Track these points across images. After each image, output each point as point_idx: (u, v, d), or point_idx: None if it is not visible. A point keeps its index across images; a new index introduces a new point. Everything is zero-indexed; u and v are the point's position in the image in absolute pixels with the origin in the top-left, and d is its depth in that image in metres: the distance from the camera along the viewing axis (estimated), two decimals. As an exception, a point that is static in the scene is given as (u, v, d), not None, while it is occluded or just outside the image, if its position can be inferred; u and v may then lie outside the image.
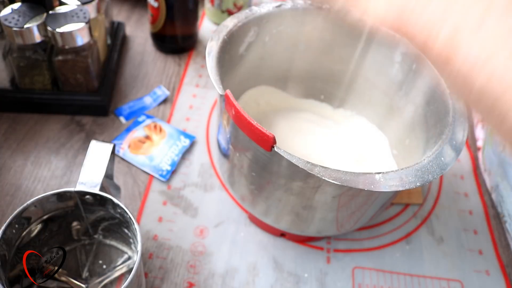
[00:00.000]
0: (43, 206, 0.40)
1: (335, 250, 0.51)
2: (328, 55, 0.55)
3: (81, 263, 0.46)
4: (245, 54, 0.51)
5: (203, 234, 0.51)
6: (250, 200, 0.46)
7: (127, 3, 0.80)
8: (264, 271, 0.49)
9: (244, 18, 0.47)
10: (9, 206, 0.51)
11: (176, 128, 0.60)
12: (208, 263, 0.49)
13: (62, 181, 0.54)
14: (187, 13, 0.67)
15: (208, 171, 0.57)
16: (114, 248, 0.47)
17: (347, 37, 0.52)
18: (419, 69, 0.48)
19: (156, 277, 0.47)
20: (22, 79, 0.57)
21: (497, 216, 0.57)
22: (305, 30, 0.52)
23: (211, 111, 0.64)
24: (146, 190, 0.54)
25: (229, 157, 0.44)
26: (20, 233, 0.39)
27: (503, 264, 0.52)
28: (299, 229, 0.46)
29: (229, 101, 0.37)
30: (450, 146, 0.39)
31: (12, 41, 0.52)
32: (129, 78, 0.67)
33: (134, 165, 0.56)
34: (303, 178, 0.38)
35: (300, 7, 0.50)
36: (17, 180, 0.53)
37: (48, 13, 0.53)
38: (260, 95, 0.57)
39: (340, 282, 0.49)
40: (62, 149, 0.57)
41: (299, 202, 0.41)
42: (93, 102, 0.59)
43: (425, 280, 0.50)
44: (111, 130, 0.60)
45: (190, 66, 0.70)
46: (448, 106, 0.43)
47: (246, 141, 0.39)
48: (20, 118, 0.59)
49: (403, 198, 0.57)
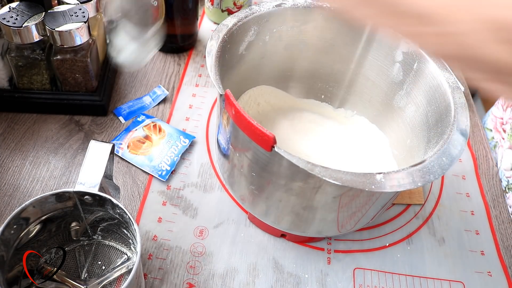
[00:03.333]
0: (42, 206, 0.40)
1: (335, 251, 0.51)
2: (329, 54, 0.54)
3: (80, 263, 0.46)
4: (245, 54, 0.50)
5: (202, 234, 0.51)
6: (250, 200, 0.46)
7: (126, 2, 0.79)
8: (264, 272, 0.49)
9: (244, 17, 0.47)
10: (7, 206, 0.51)
11: (176, 128, 0.60)
12: (208, 264, 0.49)
13: (61, 181, 0.54)
14: (187, 12, 0.67)
15: (208, 171, 0.57)
16: (113, 249, 0.47)
17: (348, 36, 0.52)
18: (420, 68, 0.48)
19: (155, 278, 0.47)
20: (20, 78, 0.56)
21: (499, 216, 0.57)
22: (306, 30, 0.52)
23: (211, 111, 0.64)
24: (146, 191, 0.54)
25: (229, 157, 0.44)
26: (19, 234, 0.39)
27: (505, 265, 0.52)
28: (300, 230, 0.46)
29: (229, 101, 0.37)
30: (452, 146, 0.39)
31: (10, 40, 0.52)
32: (128, 78, 0.67)
33: (133, 165, 0.56)
34: (304, 178, 0.37)
35: (301, 6, 0.50)
36: (16, 180, 0.53)
37: (46, 12, 0.52)
38: (260, 95, 0.56)
39: (341, 283, 0.49)
40: (60, 149, 0.57)
41: (299, 203, 0.41)
42: (92, 101, 0.59)
43: (427, 281, 0.50)
44: (110, 130, 0.60)
45: (189, 66, 0.70)
46: (450, 106, 0.43)
47: (246, 141, 0.38)
48: (18, 118, 0.59)
49: (404, 199, 0.57)
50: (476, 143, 0.65)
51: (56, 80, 0.58)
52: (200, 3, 0.76)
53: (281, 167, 0.38)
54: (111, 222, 0.44)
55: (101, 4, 0.60)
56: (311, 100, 0.59)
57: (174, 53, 0.71)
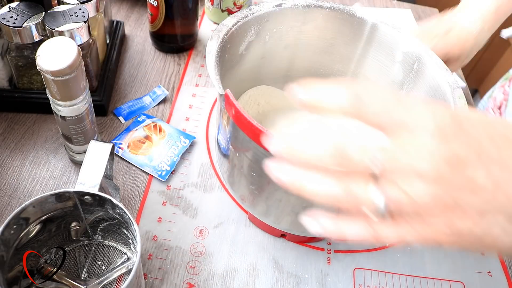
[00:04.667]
0: (42, 206, 0.40)
1: (335, 251, 0.51)
2: (329, 54, 0.54)
3: (80, 264, 0.46)
4: (245, 54, 0.50)
5: (202, 234, 0.51)
6: (250, 200, 0.46)
7: (126, 2, 0.80)
8: (264, 272, 0.49)
9: (244, 17, 0.47)
10: (7, 206, 0.50)
11: (176, 128, 0.60)
12: (208, 264, 0.49)
13: (61, 181, 0.54)
14: (187, 12, 0.67)
15: (208, 171, 0.57)
16: (113, 249, 0.47)
17: (348, 36, 0.52)
18: (420, 68, 0.48)
19: (155, 278, 0.47)
20: (20, 78, 0.56)
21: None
22: (306, 29, 0.52)
23: (211, 111, 0.64)
24: (146, 191, 0.54)
25: (229, 157, 0.44)
26: (19, 234, 0.39)
27: (506, 265, 0.52)
28: (300, 230, 0.46)
29: (229, 100, 0.37)
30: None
31: (10, 40, 0.52)
32: (128, 78, 0.67)
33: (133, 165, 0.56)
34: (304, 178, 0.37)
35: (301, 6, 0.50)
36: (15, 180, 0.53)
37: (46, 12, 0.52)
38: (260, 95, 0.56)
39: (341, 283, 0.49)
40: (60, 149, 0.57)
41: (299, 203, 0.41)
42: (92, 101, 0.59)
43: (427, 281, 0.50)
44: (110, 130, 0.60)
45: (189, 66, 0.70)
46: (450, 106, 0.43)
47: (246, 141, 0.38)
48: (18, 118, 0.59)
49: (404, 199, 0.56)
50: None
51: (56, 80, 0.58)
52: (200, 3, 0.76)
53: (281, 167, 0.38)
54: (111, 222, 0.44)
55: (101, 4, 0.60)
56: (311, 100, 0.59)
57: (174, 53, 0.71)
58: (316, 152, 0.27)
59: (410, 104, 0.26)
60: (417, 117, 0.25)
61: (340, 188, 0.26)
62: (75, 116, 0.48)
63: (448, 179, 0.24)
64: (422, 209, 0.25)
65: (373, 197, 0.25)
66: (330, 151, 0.26)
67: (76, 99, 0.47)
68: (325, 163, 0.26)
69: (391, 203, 0.25)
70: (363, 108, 0.26)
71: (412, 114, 0.25)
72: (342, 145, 0.26)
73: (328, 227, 0.27)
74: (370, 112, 0.26)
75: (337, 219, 0.27)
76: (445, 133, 0.24)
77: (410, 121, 0.25)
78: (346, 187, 0.26)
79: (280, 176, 0.27)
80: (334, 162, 0.26)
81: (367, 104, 0.26)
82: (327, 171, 0.27)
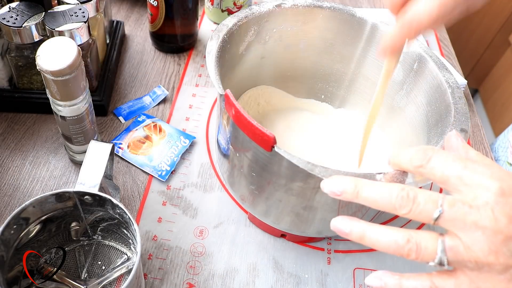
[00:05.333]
0: (42, 206, 0.40)
1: (335, 251, 0.51)
2: (329, 54, 0.54)
3: (80, 263, 0.46)
4: (245, 54, 0.50)
5: (202, 234, 0.51)
6: (250, 200, 0.46)
7: (126, 2, 0.80)
8: (264, 272, 0.49)
9: (244, 17, 0.47)
10: (7, 206, 0.50)
11: (176, 128, 0.60)
12: (208, 264, 0.49)
13: (61, 181, 0.54)
14: (187, 12, 0.67)
15: (208, 172, 0.57)
16: (113, 249, 0.47)
17: (348, 36, 0.52)
18: (420, 68, 0.48)
19: (155, 278, 0.47)
20: (20, 78, 0.56)
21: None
22: (306, 29, 0.52)
23: (211, 111, 0.64)
24: (146, 191, 0.54)
25: (229, 157, 0.44)
26: (19, 234, 0.39)
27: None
28: (300, 230, 0.46)
29: (229, 101, 0.37)
30: (452, 146, 0.38)
31: (10, 40, 0.52)
32: (128, 78, 0.67)
33: (133, 165, 0.56)
34: (304, 178, 0.37)
35: (301, 6, 0.50)
36: (15, 180, 0.53)
37: (46, 12, 0.52)
38: (260, 95, 0.56)
39: (341, 283, 0.49)
40: (60, 149, 0.57)
41: (299, 203, 0.41)
42: (92, 101, 0.59)
43: (426, 281, 0.50)
44: (110, 130, 0.60)
45: (189, 66, 0.70)
46: (450, 106, 0.43)
47: (246, 141, 0.38)
48: (18, 118, 0.59)
49: (404, 198, 0.56)
50: (476, 143, 0.65)
51: (56, 80, 0.58)
52: (200, 3, 0.76)
53: (281, 167, 0.38)
54: (111, 222, 0.44)
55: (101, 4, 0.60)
56: (311, 100, 0.59)
57: (174, 53, 0.71)
58: (385, 190, 0.28)
59: (475, 167, 0.28)
60: (480, 178, 0.27)
61: (404, 236, 0.28)
62: (75, 116, 0.48)
63: (506, 231, 0.26)
64: (479, 259, 0.26)
65: (435, 246, 0.27)
66: (398, 192, 0.28)
67: (76, 99, 0.47)
68: (393, 203, 0.28)
69: (449, 251, 0.27)
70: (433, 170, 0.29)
71: (476, 174, 0.27)
72: (411, 189, 0.28)
73: (392, 286, 0.29)
74: (438, 174, 0.28)
75: (401, 278, 0.29)
76: (506, 192, 0.26)
77: (473, 180, 0.27)
78: (409, 235, 0.28)
79: (352, 229, 0.29)
80: (402, 203, 0.28)
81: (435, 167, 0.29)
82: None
